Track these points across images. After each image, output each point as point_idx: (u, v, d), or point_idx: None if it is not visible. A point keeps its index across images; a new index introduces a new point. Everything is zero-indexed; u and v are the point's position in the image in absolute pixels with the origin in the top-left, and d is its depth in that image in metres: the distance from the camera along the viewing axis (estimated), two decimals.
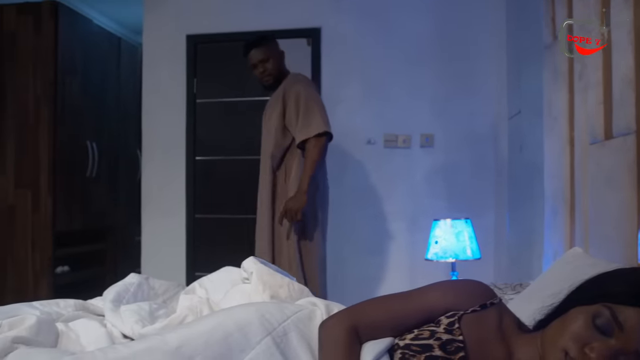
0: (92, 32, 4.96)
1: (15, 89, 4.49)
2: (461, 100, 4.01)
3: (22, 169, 4.46)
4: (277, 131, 3.13)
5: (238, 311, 1.26)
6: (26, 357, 1.20)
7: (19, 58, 4.49)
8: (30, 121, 4.46)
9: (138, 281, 1.98)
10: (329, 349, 1.16)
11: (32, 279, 4.44)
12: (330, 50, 4.14)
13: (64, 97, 4.54)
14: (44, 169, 4.43)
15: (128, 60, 5.47)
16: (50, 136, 4.43)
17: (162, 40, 4.40)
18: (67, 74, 4.58)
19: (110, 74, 5.22)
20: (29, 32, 4.49)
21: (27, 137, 4.45)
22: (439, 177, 4.01)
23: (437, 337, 1.14)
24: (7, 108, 4.49)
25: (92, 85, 4.94)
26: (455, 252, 3.18)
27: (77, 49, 4.73)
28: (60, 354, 1.20)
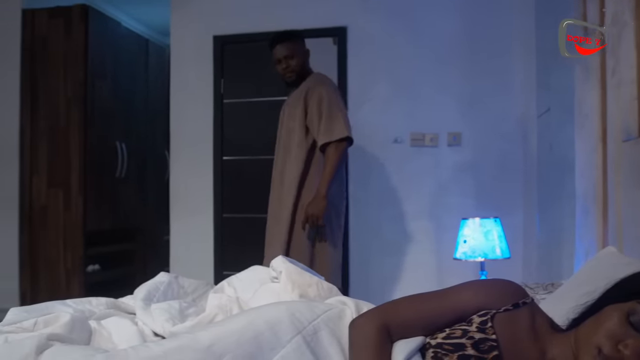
0: (121, 35, 5.03)
1: (47, 91, 4.58)
2: (489, 98, 3.96)
3: (54, 169, 4.55)
4: (299, 131, 3.12)
5: (268, 310, 1.26)
6: (61, 354, 1.23)
7: (51, 61, 4.58)
8: (61, 123, 4.54)
9: (168, 280, 2.00)
10: (360, 347, 1.15)
11: (64, 277, 4.53)
12: (356, 49, 4.13)
13: (94, 99, 4.62)
14: (75, 169, 4.52)
15: (156, 62, 5.53)
16: (80, 137, 4.51)
17: (189, 41, 4.44)
18: (97, 77, 4.66)
19: (138, 75, 5.29)
20: (59, 36, 4.58)
21: (58, 138, 4.54)
22: (466, 176, 3.98)
23: (470, 336, 1.13)
24: (40, 110, 4.59)
25: (121, 87, 5.02)
26: (484, 251, 3.15)
27: (107, 51, 4.80)
28: (93, 352, 1.22)
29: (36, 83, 4.60)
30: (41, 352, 1.26)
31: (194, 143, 4.39)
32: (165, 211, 4.71)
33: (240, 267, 2.43)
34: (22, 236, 4.59)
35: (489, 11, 3.97)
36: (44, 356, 1.24)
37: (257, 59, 4.33)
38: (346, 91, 4.11)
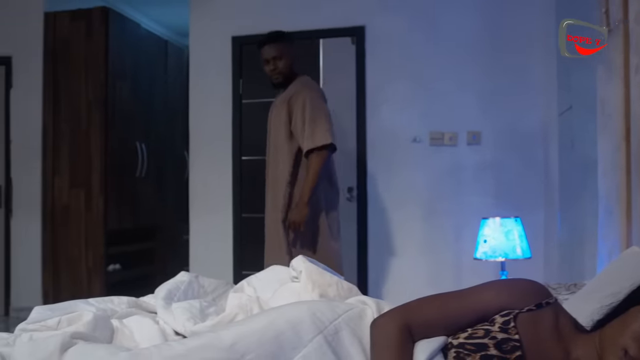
0: (141, 36, 5.08)
1: (69, 93, 4.64)
2: (509, 97, 3.93)
3: (76, 169, 4.61)
4: (285, 135, 3.11)
5: (289, 309, 1.27)
6: (85, 352, 1.24)
7: (72, 63, 4.64)
8: (83, 124, 4.60)
9: (188, 279, 2.02)
10: (382, 347, 1.15)
11: (85, 276, 4.59)
12: (374, 49, 4.12)
13: (114, 101, 4.67)
14: (96, 170, 4.57)
15: (175, 63, 5.58)
16: (101, 138, 4.57)
17: (208, 42, 4.46)
18: (117, 78, 4.71)
19: (157, 76, 5.34)
20: (81, 38, 4.63)
21: (80, 139, 4.60)
22: (486, 175, 3.94)
23: (492, 336, 1.13)
24: (62, 112, 4.65)
25: (140, 88, 5.06)
26: (504, 251, 3.12)
27: (127, 53, 4.85)
28: (116, 350, 1.23)
29: (58, 85, 4.67)
30: (65, 350, 1.28)
31: (213, 143, 4.41)
32: (184, 211, 4.74)
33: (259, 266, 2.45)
34: (45, 235, 4.66)
35: (509, 9, 3.94)
36: (68, 354, 1.26)
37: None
38: (364, 91, 4.10)
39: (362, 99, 4.10)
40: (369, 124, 4.10)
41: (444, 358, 1.15)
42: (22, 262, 4.71)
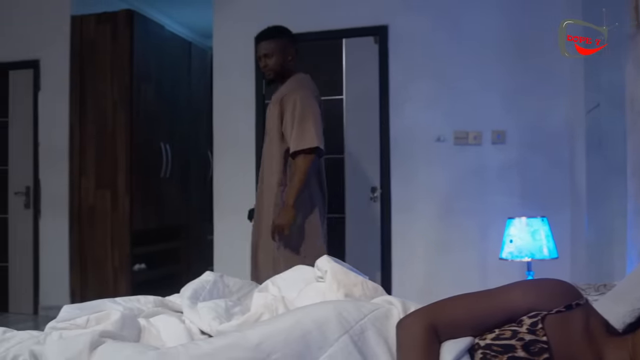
0: (165, 38, 5.13)
1: (95, 95, 4.71)
2: (534, 95, 3.88)
3: (101, 170, 4.68)
4: (276, 136, 3.05)
5: (315, 309, 1.27)
6: (114, 351, 1.26)
7: (98, 65, 4.71)
8: (108, 125, 4.66)
9: (213, 279, 2.03)
10: (408, 347, 1.15)
11: (111, 276, 4.64)
12: (397, 48, 4.10)
13: (139, 102, 4.73)
14: (121, 170, 4.63)
15: (198, 64, 5.62)
16: (127, 139, 4.62)
17: (232, 43, 4.49)
18: (142, 80, 4.76)
19: (181, 77, 5.38)
20: (106, 41, 4.70)
21: (106, 140, 4.66)
22: (511, 174, 3.90)
23: (520, 338, 1.11)
24: (88, 113, 4.72)
25: (165, 89, 5.11)
26: (531, 251, 3.08)
27: (151, 55, 4.90)
28: (145, 349, 1.24)
29: (84, 87, 4.74)
30: (94, 349, 1.30)
31: (237, 143, 4.44)
32: (208, 211, 4.77)
33: None
34: (72, 236, 4.73)
35: (533, 6, 3.89)
36: (97, 352, 1.28)
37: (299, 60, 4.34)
38: (388, 90, 4.08)
39: (385, 98, 4.08)
40: (392, 123, 4.08)
41: (471, 359, 1.14)
42: (50, 261, 4.80)
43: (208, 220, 4.83)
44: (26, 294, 4.83)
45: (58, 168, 4.77)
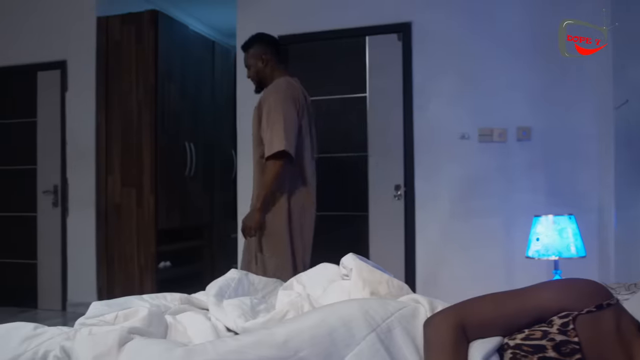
0: (189, 38, 5.17)
1: (121, 94, 4.76)
2: (560, 91, 3.82)
3: (127, 169, 4.73)
4: (257, 142, 3.07)
5: (342, 307, 1.26)
6: (142, 347, 1.27)
7: (123, 65, 4.76)
8: (134, 125, 4.71)
9: (239, 277, 2.04)
10: (436, 347, 1.14)
11: (137, 273, 4.70)
12: (421, 45, 4.08)
13: (164, 102, 4.77)
14: (146, 169, 4.67)
15: (222, 63, 5.65)
16: (151, 138, 4.67)
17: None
18: (167, 79, 4.81)
19: (205, 77, 5.42)
20: (131, 41, 4.75)
21: (131, 139, 4.72)
22: (537, 172, 3.85)
23: (550, 338, 1.09)
24: (114, 113, 4.78)
25: (189, 88, 5.15)
26: (558, 249, 3.04)
27: (175, 54, 4.94)
28: (173, 345, 1.25)
29: (110, 87, 4.79)
30: (123, 345, 1.31)
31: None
32: (232, 209, 4.79)
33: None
34: (99, 234, 4.79)
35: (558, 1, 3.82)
36: (126, 348, 1.29)
37: (322, 58, 4.35)
38: (411, 87, 4.06)
39: (408, 95, 4.06)
40: (416, 121, 4.06)
41: (500, 359, 1.13)
42: (78, 259, 4.87)
43: (232, 218, 4.85)
44: (55, 291, 4.91)
45: (85, 167, 4.83)
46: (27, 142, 5.03)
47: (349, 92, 4.26)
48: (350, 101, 4.26)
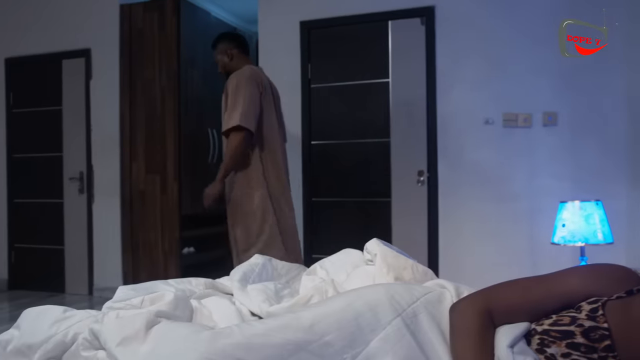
0: (210, 25, 5.17)
1: (144, 82, 4.80)
2: (588, 74, 3.74)
3: (151, 155, 4.77)
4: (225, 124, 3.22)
5: (367, 292, 1.26)
6: (169, 330, 1.28)
7: (146, 53, 4.79)
8: (157, 112, 4.75)
9: (262, 262, 2.05)
10: (462, 332, 1.13)
11: (162, 259, 4.76)
12: (444, 29, 4.02)
13: (187, 88, 4.79)
14: (170, 156, 4.71)
15: None
16: (175, 125, 4.70)
17: (276, 28, 4.49)
18: (189, 66, 4.83)
19: None
20: (154, 28, 4.77)
21: (155, 126, 4.75)
22: (563, 157, 3.79)
23: (579, 324, 1.08)
24: (137, 100, 4.82)
25: (210, 75, 5.16)
26: (584, 235, 3.00)
27: (198, 41, 4.95)
28: (200, 328, 1.27)
29: (134, 74, 4.83)
30: (150, 328, 1.33)
31: None
32: None
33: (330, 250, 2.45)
34: (124, 220, 4.86)
35: None
36: (153, 331, 1.31)
37: (344, 43, 4.32)
38: (435, 72, 4.02)
39: (432, 80, 4.02)
40: (439, 106, 4.02)
41: (527, 344, 1.12)
42: (104, 245, 4.94)
43: None
44: (81, 275, 5.00)
45: (109, 154, 4.89)
46: (53, 130, 5.10)
47: (372, 78, 4.23)
48: (372, 87, 4.23)
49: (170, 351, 1.17)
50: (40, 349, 1.46)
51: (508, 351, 1.07)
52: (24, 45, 5.23)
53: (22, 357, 1.47)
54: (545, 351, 1.09)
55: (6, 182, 5.32)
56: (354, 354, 1.16)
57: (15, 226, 5.30)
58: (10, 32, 5.30)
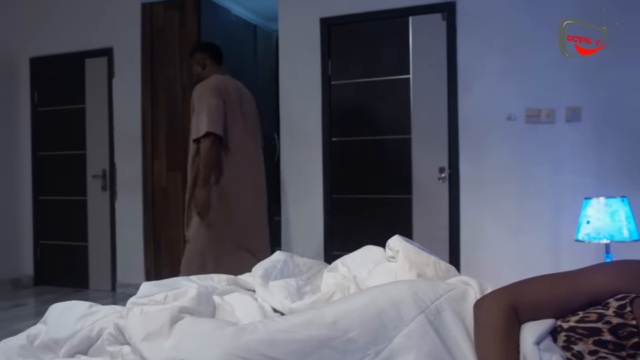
0: (231, 22, 5.19)
1: (165, 81, 4.84)
2: (612, 69, 3.68)
3: (172, 153, 4.81)
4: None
5: (390, 288, 1.26)
6: (194, 325, 1.29)
7: (167, 51, 4.83)
8: (178, 109, 4.78)
9: (284, 258, 2.06)
10: (487, 328, 1.12)
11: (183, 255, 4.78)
12: (466, 24, 3.99)
13: None
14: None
15: (263, 47, 5.66)
16: None
17: (296, 25, 4.49)
18: None
19: (247, 60, 5.44)
20: (175, 26, 4.81)
21: (176, 124, 4.79)
22: (587, 153, 3.74)
23: (607, 321, 1.06)
24: (159, 98, 4.86)
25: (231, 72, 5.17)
26: (609, 232, 2.95)
27: (218, 39, 4.94)
28: (224, 324, 1.27)
29: (155, 73, 4.87)
30: (174, 323, 1.34)
31: (303, 125, 4.46)
32: (275, 192, 4.83)
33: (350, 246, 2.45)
34: (146, 217, 4.91)
35: None
36: (177, 327, 1.32)
37: (364, 39, 4.31)
38: (456, 68, 3.99)
39: (453, 76, 3.99)
40: (460, 102, 3.99)
41: (553, 341, 1.10)
42: (126, 241, 5.00)
43: (275, 201, 4.89)
44: (104, 272, 5.07)
45: (132, 151, 4.94)
46: (77, 128, 5.17)
47: (392, 74, 4.21)
48: (393, 83, 4.21)
49: (195, 346, 1.18)
50: (67, 344, 1.48)
51: (534, 348, 1.06)
52: (48, 45, 5.30)
53: (49, 352, 1.49)
54: (571, 348, 1.08)
55: (31, 179, 5.41)
56: (377, 351, 1.15)
57: (40, 223, 5.39)
58: (34, 32, 5.38)
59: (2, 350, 1.45)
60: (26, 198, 5.42)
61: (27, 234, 5.43)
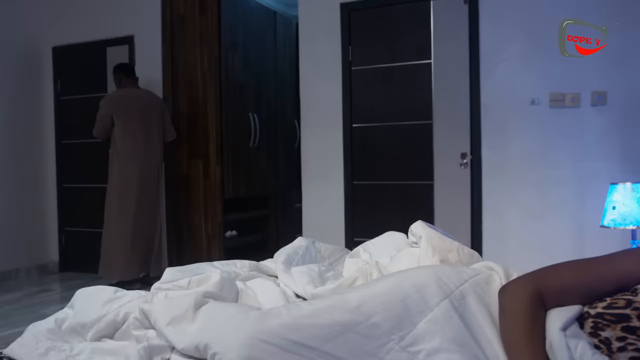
0: (250, 9, 5.18)
1: (186, 68, 4.85)
2: (638, 53, 3.60)
3: (194, 140, 4.84)
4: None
5: (414, 273, 1.25)
6: (218, 310, 1.30)
7: (188, 38, 4.84)
8: (199, 98, 4.80)
9: (306, 244, 2.07)
10: (512, 314, 1.11)
11: (205, 242, 4.84)
12: (489, 7, 3.92)
13: (228, 73, 4.82)
14: (212, 140, 4.76)
15: (283, 33, 5.64)
16: (217, 110, 4.75)
17: (316, 11, 4.46)
18: (230, 51, 4.85)
19: (267, 47, 5.43)
20: (195, 14, 4.81)
21: (197, 112, 4.81)
22: (613, 138, 3.67)
23: (635, 307, 1.05)
24: (180, 86, 4.88)
25: (251, 59, 5.18)
26: (636, 218, 2.90)
27: (238, 26, 4.97)
28: (247, 309, 1.28)
29: (176, 61, 4.89)
30: (198, 308, 1.35)
31: (323, 111, 4.44)
32: (296, 179, 4.84)
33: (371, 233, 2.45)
34: (168, 203, 4.95)
35: None
36: (202, 311, 1.33)
37: (384, 24, 4.27)
38: (478, 52, 3.93)
39: (475, 61, 3.94)
40: (483, 86, 3.94)
41: (580, 327, 1.09)
42: None
43: (296, 187, 4.90)
44: None
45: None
46: None
47: (413, 59, 4.17)
48: (414, 68, 4.17)
49: (219, 330, 1.19)
50: (94, 328, 1.50)
51: (560, 334, 1.05)
52: (70, 34, 5.35)
53: (77, 335, 1.52)
54: (599, 335, 1.07)
55: (55, 167, 5.49)
56: (402, 335, 1.15)
57: (65, 210, 5.47)
58: (56, 22, 5.42)
59: (32, 333, 1.48)
60: (51, 186, 5.51)
61: (53, 221, 5.52)
